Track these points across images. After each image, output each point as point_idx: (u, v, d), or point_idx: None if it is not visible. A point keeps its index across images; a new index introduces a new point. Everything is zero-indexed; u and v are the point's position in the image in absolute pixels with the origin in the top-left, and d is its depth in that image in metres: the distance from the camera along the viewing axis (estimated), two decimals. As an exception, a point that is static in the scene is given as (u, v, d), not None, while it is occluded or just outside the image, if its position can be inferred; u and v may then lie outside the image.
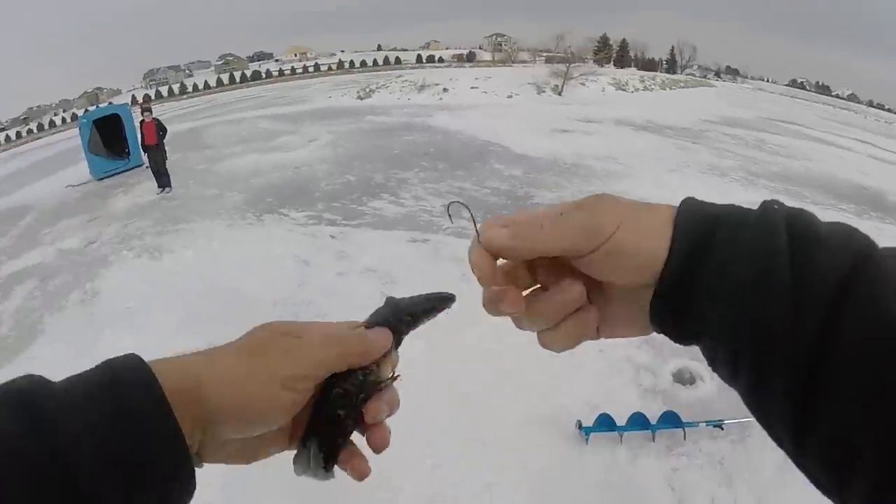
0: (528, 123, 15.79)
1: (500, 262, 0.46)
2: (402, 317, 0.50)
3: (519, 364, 3.84)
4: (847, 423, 0.33)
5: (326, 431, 0.45)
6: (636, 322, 0.45)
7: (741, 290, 0.37)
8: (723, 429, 3.35)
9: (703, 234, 0.40)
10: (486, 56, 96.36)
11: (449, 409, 3.57)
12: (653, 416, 3.32)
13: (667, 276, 0.40)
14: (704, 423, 3.33)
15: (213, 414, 0.40)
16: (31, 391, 0.34)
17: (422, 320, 0.51)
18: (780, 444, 0.38)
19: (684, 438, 3.29)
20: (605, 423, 3.25)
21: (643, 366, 4.04)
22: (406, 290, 0.55)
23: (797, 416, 0.35)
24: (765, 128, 19.19)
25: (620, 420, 3.26)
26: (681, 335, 0.42)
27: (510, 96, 25.10)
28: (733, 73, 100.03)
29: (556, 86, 27.78)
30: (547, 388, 3.74)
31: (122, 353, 0.39)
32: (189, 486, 0.38)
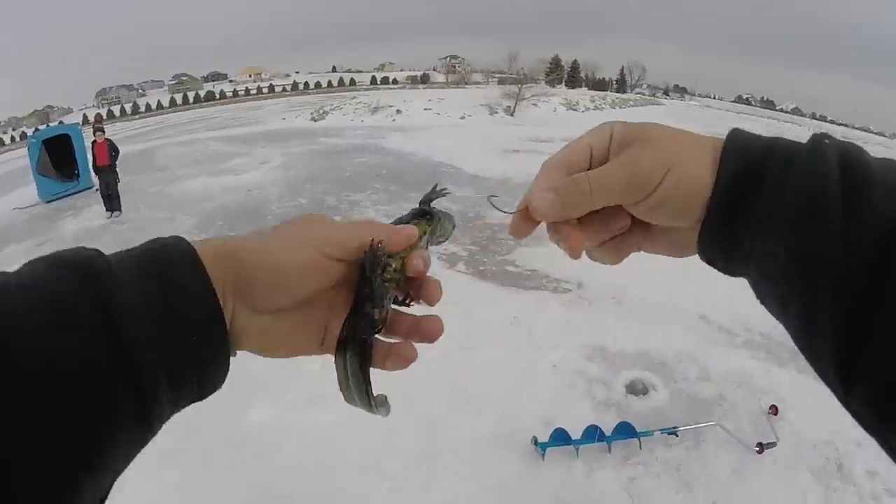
0: (480, 144, 15.95)
1: None
2: (419, 209, 0.52)
3: (475, 382, 3.82)
4: (893, 363, 0.33)
5: (358, 325, 0.45)
6: (684, 247, 0.46)
7: (789, 228, 0.37)
8: (677, 436, 3.39)
9: (751, 170, 0.40)
10: (441, 78, 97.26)
11: (405, 430, 3.53)
12: (607, 427, 3.32)
13: (713, 216, 0.41)
14: (659, 432, 3.35)
15: (245, 273, 0.41)
16: (86, 257, 0.35)
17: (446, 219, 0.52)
18: (827, 381, 0.38)
19: (640, 448, 3.30)
20: (560, 437, 3.24)
21: (596, 378, 4.05)
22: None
23: (844, 355, 0.35)
24: (713, 143, 19.82)
25: (576, 434, 3.25)
26: (729, 270, 0.43)
27: (463, 117, 25.35)
28: (681, 91, 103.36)
29: (509, 107, 28.21)
30: (503, 405, 3.73)
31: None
32: (223, 369, 0.40)
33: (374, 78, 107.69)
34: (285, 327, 0.44)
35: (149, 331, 0.34)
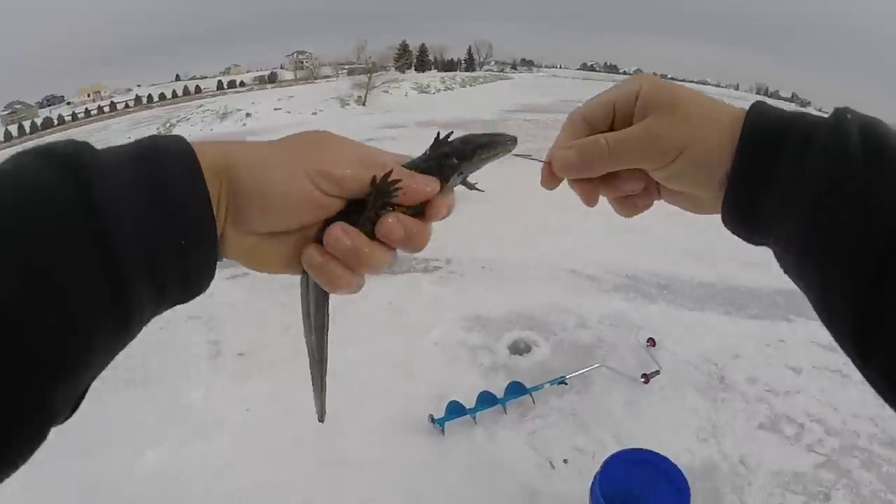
0: (335, 136, 15.60)
1: None
2: (450, 161, 0.45)
3: (362, 376, 3.70)
4: None
5: None
6: (704, 207, 0.47)
7: (810, 200, 0.36)
8: (566, 384, 3.50)
9: (772, 142, 0.39)
10: (289, 75, 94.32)
11: (304, 440, 3.37)
12: (499, 390, 3.36)
13: (731, 194, 0.41)
14: (548, 384, 3.44)
15: (238, 194, 0.39)
16: (74, 148, 0.34)
17: (475, 160, 0.46)
18: (846, 351, 0.38)
19: (533, 403, 3.37)
20: (455, 410, 3.23)
21: (479, 347, 4.09)
22: (233, 330, 0.43)
23: (862, 329, 0.35)
24: (563, 109, 20.47)
25: (470, 403, 3.26)
26: (752, 241, 0.43)
27: (315, 113, 24.92)
28: (528, 64, 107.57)
29: (360, 97, 28.05)
30: (394, 393, 3.65)
31: None
32: (208, 275, 0.39)
33: (220, 83, 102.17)
34: (270, 249, 0.43)
35: (134, 229, 0.33)
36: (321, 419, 0.50)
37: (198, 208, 0.37)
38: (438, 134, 0.47)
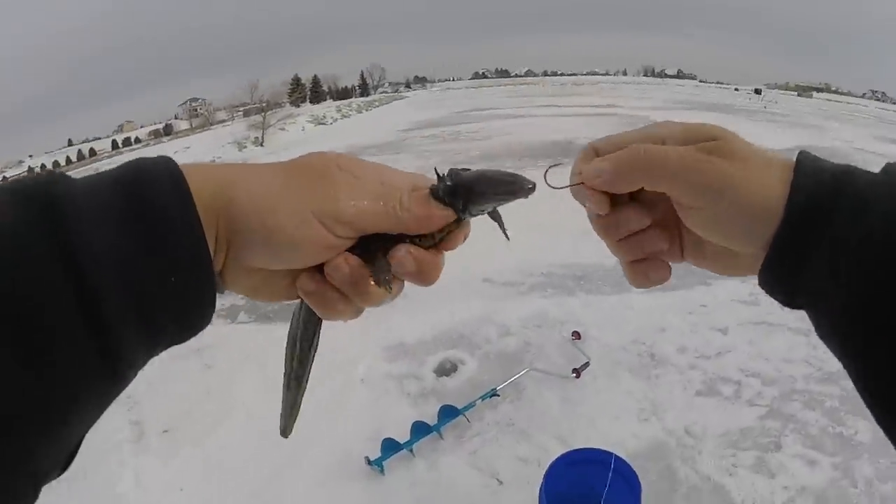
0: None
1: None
2: (471, 198, 0.42)
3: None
4: None
5: None
6: (736, 268, 0.43)
7: (863, 272, 0.34)
8: (499, 395, 3.44)
9: (825, 196, 0.36)
10: (184, 125, 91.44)
11: (237, 490, 3.15)
12: (432, 417, 3.26)
13: (780, 246, 0.38)
14: (480, 400, 3.36)
15: (239, 234, 0.36)
16: (47, 181, 0.31)
17: (489, 203, 0.43)
18: (884, 426, 0.35)
19: (468, 422, 3.29)
20: (390, 447, 3.10)
21: (404, 375, 3.96)
22: (154, 406, 0.30)
23: None
24: (458, 121, 21.24)
25: (404, 436, 3.14)
26: (791, 304, 0.39)
27: (213, 160, 24.11)
28: (422, 80, 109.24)
29: (257, 137, 27.55)
30: (327, 439, 3.48)
31: None
32: (207, 311, 0.35)
33: (114, 142, 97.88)
34: (275, 282, 0.41)
35: (114, 268, 0.30)
36: (285, 434, 0.48)
37: (187, 238, 0.33)
38: (450, 172, 0.43)
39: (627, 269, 0.47)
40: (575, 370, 3.58)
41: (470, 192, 0.42)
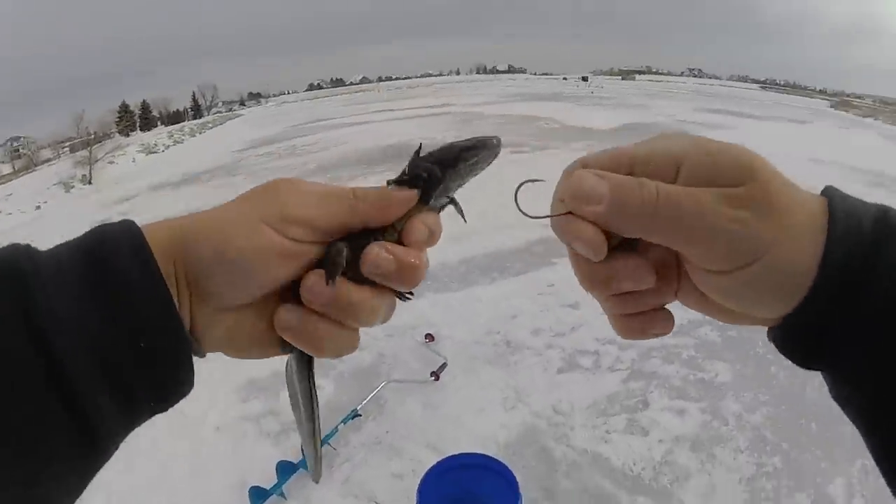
0: (62, 233, 13.58)
1: None
2: (431, 170, 0.38)
3: (156, 497, 3.18)
4: None
5: None
6: (744, 321, 0.36)
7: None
8: (361, 415, 3.32)
9: (856, 277, 0.30)
10: (6, 168, 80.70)
11: None
12: (296, 453, 3.08)
13: (807, 311, 0.32)
14: (342, 424, 3.23)
15: (196, 264, 0.34)
16: (10, 255, 0.31)
17: (458, 170, 0.39)
18: None
19: (335, 450, 3.15)
20: (258, 495, 2.87)
21: (260, 414, 3.74)
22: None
23: None
24: (294, 135, 20.69)
25: (271, 480, 2.93)
26: (808, 365, 0.34)
27: (39, 207, 21.48)
28: (257, 97, 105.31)
29: (84, 175, 25.02)
30: (190, 498, 3.20)
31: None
32: (185, 375, 0.34)
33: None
34: (252, 324, 0.37)
35: (81, 334, 0.29)
36: (317, 480, 0.49)
37: (151, 300, 0.31)
38: (420, 146, 0.40)
39: (617, 323, 0.39)
40: (433, 373, 3.55)
41: (444, 164, 0.38)
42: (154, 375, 0.32)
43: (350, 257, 0.37)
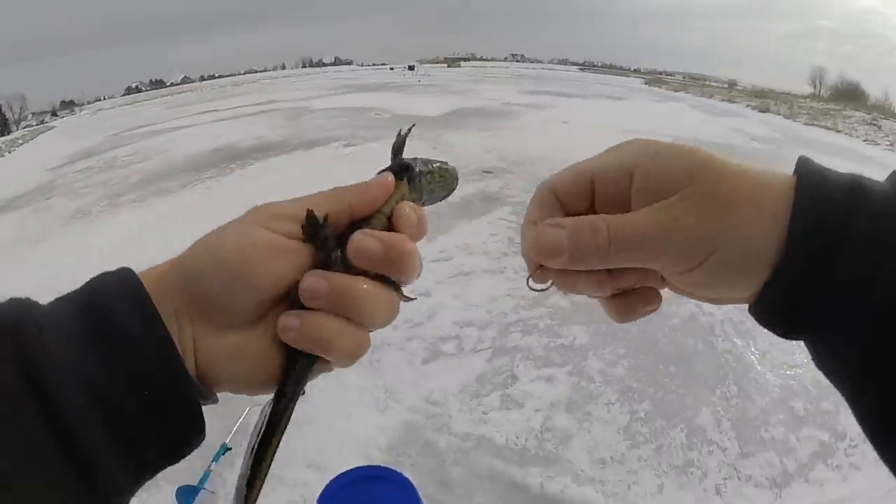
0: None
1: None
2: (408, 161, 0.41)
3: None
4: None
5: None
6: (725, 302, 0.37)
7: (883, 311, 0.30)
8: (231, 449, 3.02)
9: (833, 230, 0.31)
10: None
11: None
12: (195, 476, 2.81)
13: (779, 289, 0.33)
14: (214, 463, 2.94)
15: (195, 278, 0.35)
16: (12, 318, 0.31)
17: (432, 179, 0.41)
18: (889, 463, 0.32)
19: (213, 493, 2.87)
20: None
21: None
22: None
23: None
24: (114, 145, 18.71)
25: None
26: (789, 336, 0.35)
27: None
28: (70, 105, 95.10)
29: None
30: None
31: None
32: (192, 422, 0.34)
33: None
34: (261, 344, 0.37)
35: (87, 396, 0.30)
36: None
37: (151, 345, 0.32)
38: (400, 131, 0.42)
39: (607, 305, 0.41)
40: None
41: (412, 163, 0.41)
42: (163, 432, 0.32)
43: (342, 255, 0.37)
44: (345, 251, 0.37)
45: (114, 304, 0.32)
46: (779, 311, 0.34)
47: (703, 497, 2.73)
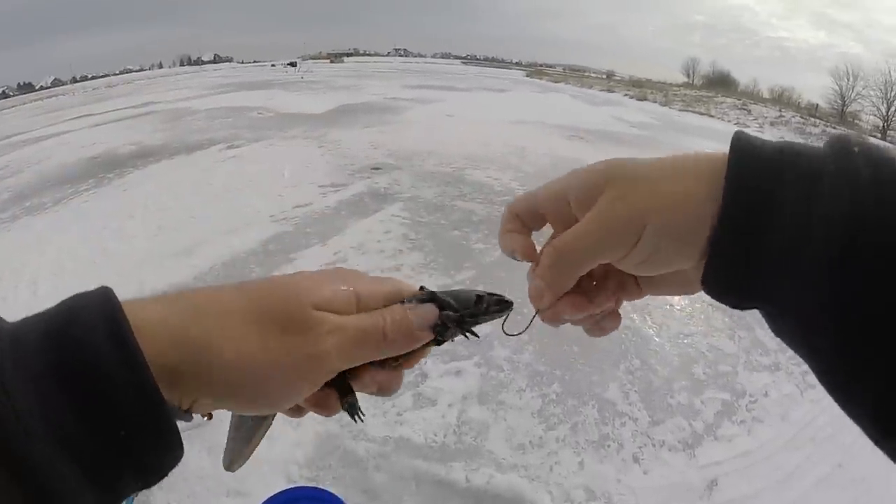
0: None
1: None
2: (455, 319, 0.43)
3: None
4: None
5: None
6: (691, 283, 0.40)
7: (819, 267, 0.31)
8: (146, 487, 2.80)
9: (763, 198, 0.33)
10: None
11: None
12: None
13: (718, 252, 0.35)
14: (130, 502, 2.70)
15: (213, 388, 0.35)
16: None
17: (476, 321, 0.45)
18: (860, 424, 0.33)
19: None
20: None
21: None
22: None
23: (887, 408, 0.31)
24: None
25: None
26: (741, 306, 0.36)
27: None
28: None
29: None
30: None
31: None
32: (171, 453, 0.33)
33: None
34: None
35: (57, 435, 0.28)
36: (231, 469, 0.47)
37: (125, 376, 0.29)
38: (481, 297, 0.45)
39: (584, 324, 0.46)
40: (208, 414, 3.17)
41: (455, 326, 0.43)
42: (137, 465, 0.31)
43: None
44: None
45: (87, 337, 0.30)
46: (726, 275, 0.36)
47: (623, 467, 2.83)
